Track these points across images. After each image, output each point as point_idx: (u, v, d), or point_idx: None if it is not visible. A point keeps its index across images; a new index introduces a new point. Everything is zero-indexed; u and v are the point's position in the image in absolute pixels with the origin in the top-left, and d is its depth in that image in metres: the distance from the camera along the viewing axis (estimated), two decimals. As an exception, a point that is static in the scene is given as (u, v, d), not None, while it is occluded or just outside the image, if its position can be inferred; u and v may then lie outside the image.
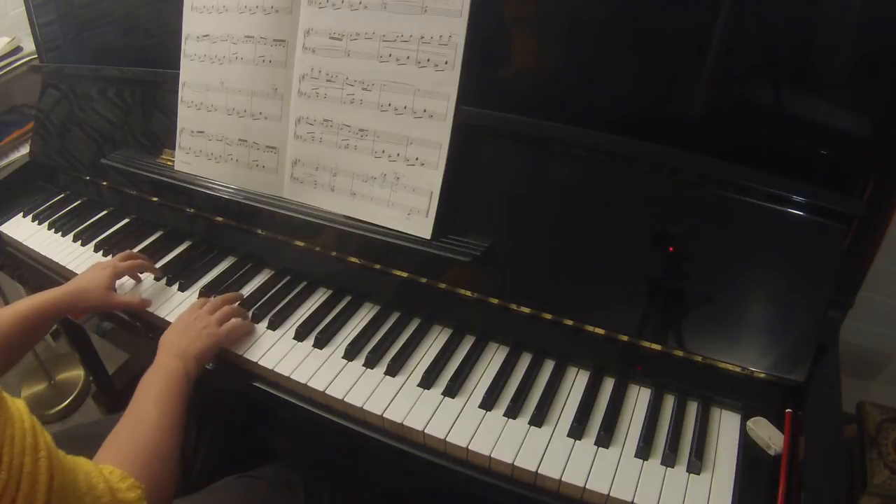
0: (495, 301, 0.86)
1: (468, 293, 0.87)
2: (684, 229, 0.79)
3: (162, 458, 0.68)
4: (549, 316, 0.83)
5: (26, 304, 0.88)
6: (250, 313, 0.94)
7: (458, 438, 0.75)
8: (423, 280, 0.90)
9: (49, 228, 1.22)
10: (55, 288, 0.94)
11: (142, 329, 1.00)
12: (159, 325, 0.97)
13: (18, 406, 0.50)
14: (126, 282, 1.03)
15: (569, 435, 0.75)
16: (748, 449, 0.74)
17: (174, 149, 1.10)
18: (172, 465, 0.70)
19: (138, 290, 1.01)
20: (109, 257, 1.08)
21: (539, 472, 0.71)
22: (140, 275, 1.04)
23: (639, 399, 0.81)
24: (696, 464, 0.71)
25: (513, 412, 0.78)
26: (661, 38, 0.82)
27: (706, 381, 0.78)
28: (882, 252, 0.82)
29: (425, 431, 0.76)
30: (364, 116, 0.89)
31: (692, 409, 0.79)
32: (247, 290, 1.00)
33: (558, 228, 0.84)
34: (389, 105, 0.87)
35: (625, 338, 0.80)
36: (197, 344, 0.84)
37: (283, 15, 0.93)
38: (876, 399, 1.28)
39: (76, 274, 1.03)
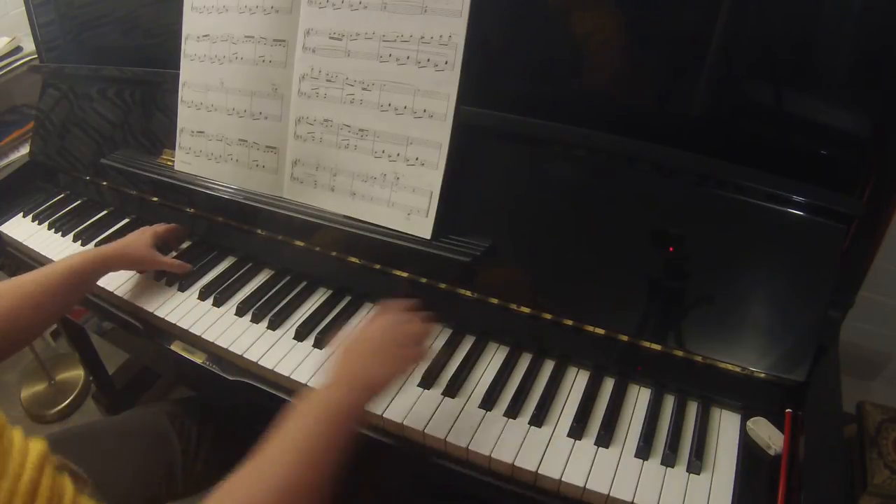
0: (495, 301, 0.86)
1: (468, 293, 0.87)
2: (684, 229, 0.79)
3: None
4: (549, 316, 0.83)
5: (76, 257, 0.89)
6: (250, 313, 0.94)
7: (457, 438, 0.75)
8: (423, 280, 0.90)
9: (49, 228, 1.22)
10: (101, 246, 0.96)
11: (142, 329, 1.00)
12: (159, 326, 0.97)
13: (29, 446, 0.43)
14: (131, 276, 1.03)
15: (569, 435, 0.75)
16: (748, 449, 0.74)
17: (174, 149, 1.10)
18: None
19: (138, 289, 1.01)
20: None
21: (539, 472, 0.71)
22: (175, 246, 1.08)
23: (639, 399, 0.81)
24: (696, 464, 0.71)
25: (513, 412, 0.78)
26: (661, 38, 0.82)
27: (706, 381, 0.78)
28: (882, 252, 0.82)
29: (425, 432, 0.76)
30: (364, 116, 0.89)
31: (692, 409, 0.79)
32: (247, 290, 1.00)
33: (558, 228, 0.84)
34: (389, 105, 0.87)
35: (625, 338, 0.80)
36: (394, 368, 0.65)
37: (283, 15, 0.93)
38: (876, 399, 1.28)
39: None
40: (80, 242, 1.17)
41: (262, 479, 0.53)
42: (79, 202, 1.29)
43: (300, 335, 0.90)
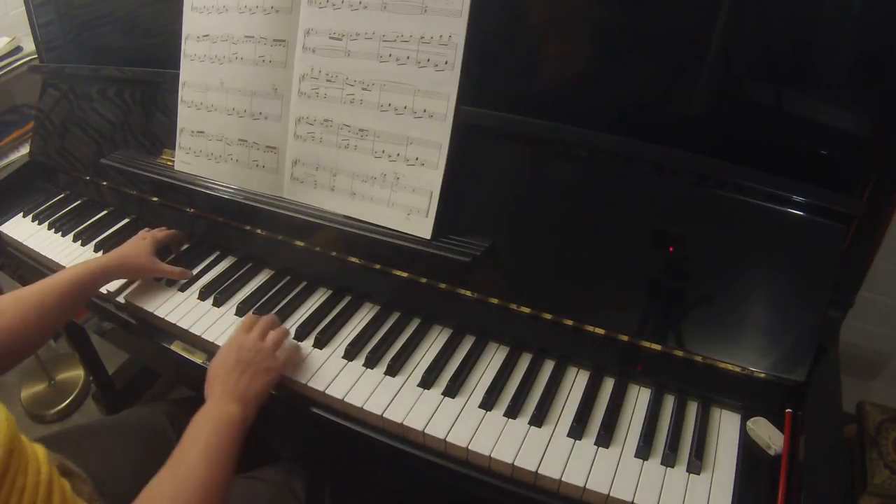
0: (495, 301, 0.86)
1: (468, 293, 0.87)
2: (684, 229, 0.79)
3: None
4: (549, 316, 0.83)
5: (78, 268, 0.91)
6: (250, 313, 0.94)
7: (457, 438, 0.75)
8: (423, 280, 0.90)
9: (49, 228, 1.22)
10: (102, 255, 0.98)
11: (142, 329, 1.00)
12: (159, 326, 0.97)
13: (38, 455, 0.46)
14: (136, 283, 1.03)
15: (569, 435, 0.75)
16: (748, 449, 0.74)
17: (174, 149, 1.10)
18: None
19: (138, 289, 1.01)
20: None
21: (539, 472, 0.71)
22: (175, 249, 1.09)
23: (639, 399, 0.81)
24: (696, 464, 0.71)
25: (513, 412, 0.78)
26: (661, 38, 0.82)
27: (706, 381, 0.78)
28: (882, 252, 0.82)
29: (425, 431, 0.76)
30: (364, 116, 0.89)
31: (692, 409, 0.79)
32: (247, 290, 1.00)
33: (558, 228, 0.84)
34: (389, 105, 0.87)
35: (625, 338, 0.80)
36: (257, 383, 0.76)
37: (283, 15, 0.93)
38: (876, 399, 1.28)
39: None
40: (80, 242, 1.17)
41: (181, 479, 0.62)
42: (79, 202, 1.29)
43: (300, 335, 0.90)
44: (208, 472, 0.63)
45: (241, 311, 0.95)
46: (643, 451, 0.73)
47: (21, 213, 1.29)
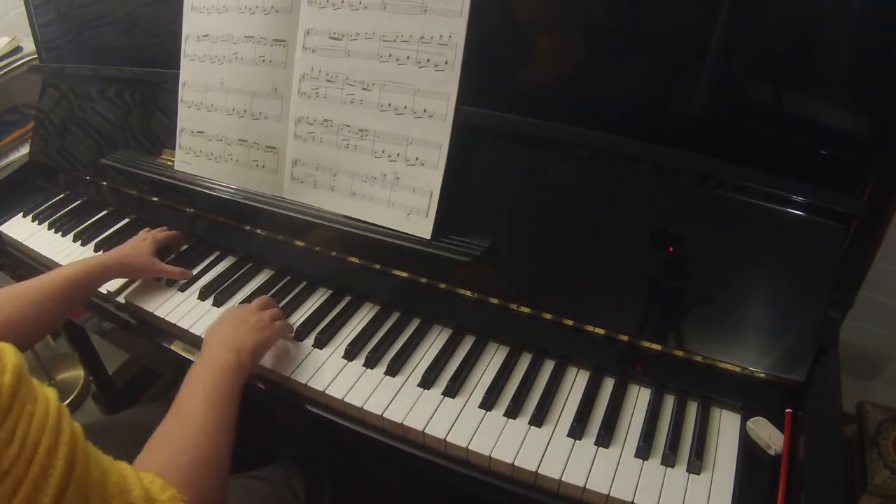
0: (495, 301, 0.86)
1: (468, 293, 0.87)
2: (684, 229, 0.79)
3: (210, 466, 0.61)
4: (549, 316, 0.83)
5: (78, 265, 0.91)
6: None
7: (457, 438, 0.75)
8: (424, 280, 0.90)
9: (49, 228, 1.22)
10: (102, 254, 0.98)
11: (142, 329, 1.00)
12: (159, 326, 0.97)
13: (47, 392, 0.47)
14: (136, 283, 1.03)
15: (569, 435, 0.75)
16: (748, 449, 0.74)
17: (174, 149, 1.10)
18: (222, 473, 0.63)
19: (138, 289, 1.01)
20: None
21: (539, 472, 0.71)
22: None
23: (639, 399, 0.81)
24: (696, 464, 0.71)
25: (513, 412, 0.78)
26: (661, 38, 0.82)
27: (706, 381, 0.78)
28: (882, 252, 0.82)
29: (425, 431, 0.76)
30: (364, 116, 0.89)
31: (692, 409, 0.79)
32: (247, 290, 1.00)
33: (558, 228, 0.84)
34: (389, 105, 0.87)
35: (625, 338, 0.80)
36: (253, 336, 0.79)
37: (283, 15, 0.93)
38: (876, 399, 1.28)
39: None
40: (80, 242, 1.17)
41: (182, 423, 0.64)
42: (79, 202, 1.29)
43: (300, 335, 0.90)
44: (209, 414, 0.65)
45: (241, 311, 0.95)
46: (643, 451, 0.73)
47: (21, 213, 1.29)
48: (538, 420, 0.77)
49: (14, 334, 0.79)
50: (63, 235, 1.19)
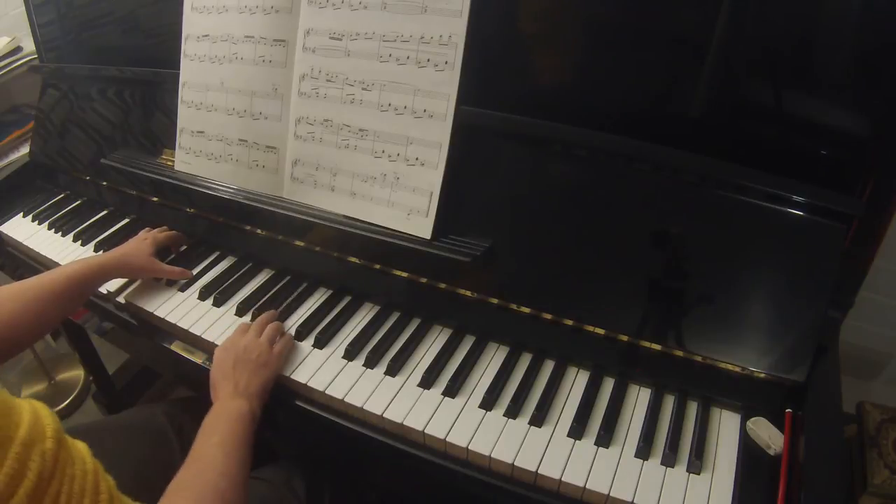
0: (495, 301, 0.86)
1: (468, 293, 0.87)
2: (684, 229, 0.79)
3: None
4: (549, 316, 0.83)
5: (77, 265, 0.91)
6: (250, 313, 0.94)
7: (458, 438, 0.75)
8: (424, 280, 0.90)
9: (49, 228, 1.22)
10: (102, 253, 0.98)
11: (142, 329, 1.00)
12: (159, 326, 0.97)
13: (80, 448, 0.48)
14: (136, 283, 1.03)
15: (569, 435, 0.75)
16: (748, 449, 0.74)
17: (174, 149, 1.10)
18: None
19: (138, 289, 1.01)
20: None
21: (539, 472, 0.71)
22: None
23: (639, 399, 0.81)
24: (696, 464, 0.71)
25: (513, 412, 0.78)
26: (661, 38, 0.82)
27: (706, 381, 0.78)
28: (882, 252, 0.82)
29: (425, 431, 0.76)
30: (364, 116, 0.89)
31: (692, 409, 0.79)
32: (247, 290, 1.00)
33: (558, 228, 0.84)
34: (389, 105, 0.87)
35: (625, 338, 0.80)
36: (259, 377, 0.79)
37: (283, 15, 0.93)
38: (876, 399, 1.28)
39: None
40: (80, 242, 1.17)
41: (202, 471, 0.64)
42: (79, 202, 1.29)
43: (300, 335, 0.90)
44: (227, 461, 0.65)
45: (241, 311, 0.95)
46: (643, 451, 0.73)
47: (21, 213, 1.29)
48: (538, 420, 0.77)
49: (14, 333, 0.79)
50: (63, 235, 1.19)
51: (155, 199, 1.15)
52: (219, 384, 0.79)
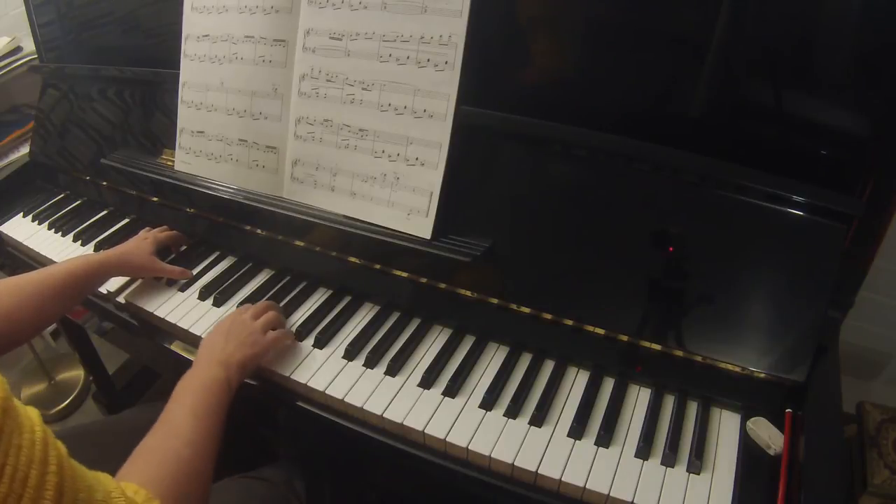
0: (495, 301, 0.86)
1: (468, 293, 0.87)
2: (684, 229, 0.79)
3: (192, 478, 0.62)
4: (549, 316, 0.83)
5: (77, 261, 0.91)
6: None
7: (458, 438, 0.75)
8: (424, 280, 0.90)
9: (49, 228, 1.22)
10: (103, 251, 0.99)
11: (142, 329, 1.00)
12: (159, 326, 0.97)
13: (31, 415, 0.46)
14: (136, 283, 1.03)
15: (569, 435, 0.75)
16: (748, 449, 0.74)
17: (174, 149, 1.10)
18: (205, 485, 0.64)
19: (138, 289, 1.01)
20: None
21: (539, 472, 0.71)
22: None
23: (639, 399, 0.81)
24: (696, 464, 0.71)
25: (513, 412, 0.78)
26: (661, 38, 0.82)
27: (706, 381, 0.78)
28: (882, 252, 0.82)
29: (425, 431, 0.76)
30: (364, 116, 0.89)
31: (692, 409, 0.79)
32: (247, 290, 1.00)
33: (558, 228, 0.84)
34: (389, 105, 0.87)
35: (625, 338, 0.80)
36: (243, 351, 0.79)
37: (283, 15, 0.93)
38: (876, 399, 1.28)
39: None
40: (80, 242, 1.17)
41: (170, 436, 0.65)
42: (79, 202, 1.29)
43: (300, 335, 0.90)
44: (196, 428, 0.66)
45: (241, 311, 0.95)
46: (643, 451, 0.73)
47: (21, 213, 1.29)
48: (538, 420, 0.77)
49: (13, 327, 0.79)
50: (63, 235, 1.19)
51: (155, 199, 1.15)
52: (203, 350, 0.80)
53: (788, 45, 0.77)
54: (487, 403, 0.79)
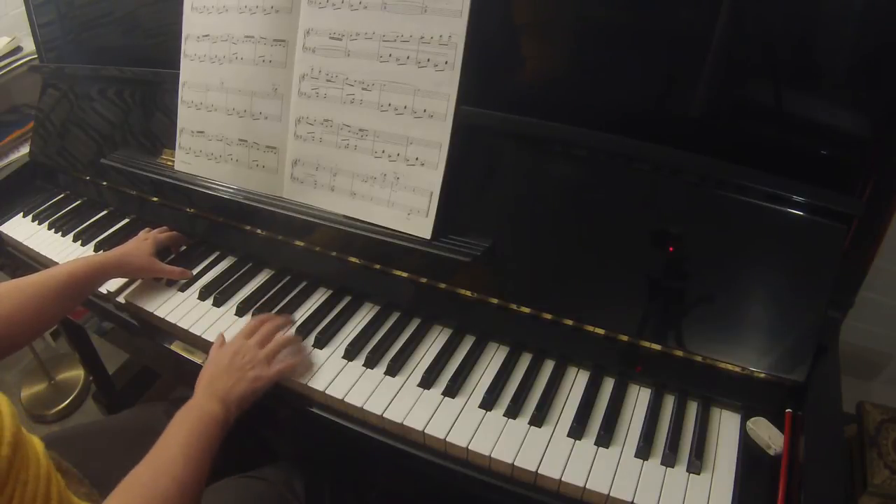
0: (495, 301, 0.86)
1: (468, 293, 0.87)
2: (684, 229, 0.79)
3: None
4: (549, 316, 0.83)
5: (77, 263, 0.91)
6: (250, 313, 0.94)
7: (457, 438, 0.75)
8: (424, 280, 0.90)
9: (49, 228, 1.22)
10: (102, 252, 0.99)
11: (142, 329, 1.00)
12: (159, 326, 0.97)
13: (37, 448, 0.47)
14: (136, 283, 1.03)
15: (569, 435, 0.75)
16: (748, 449, 0.74)
17: (174, 149, 1.10)
18: None
19: (138, 289, 1.01)
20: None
21: (539, 472, 0.71)
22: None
23: (639, 399, 0.81)
24: (696, 464, 0.71)
25: (513, 412, 0.78)
26: (661, 38, 0.82)
27: (706, 381, 0.78)
28: (882, 252, 0.82)
29: (425, 431, 0.76)
30: (364, 116, 0.89)
31: (692, 409, 0.79)
32: (247, 290, 1.00)
33: (558, 228, 0.84)
34: (389, 105, 0.87)
35: (625, 338, 0.80)
36: (241, 386, 0.77)
37: (283, 15, 0.93)
38: (876, 399, 1.28)
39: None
40: (80, 242, 1.17)
41: (159, 472, 0.65)
42: (79, 202, 1.29)
43: (300, 335, 0.90)
44: (185, 467, 0.66)
45: (241, 311, 0.95)
46: (643, 451, 0.73)
47: (21, 213, 1.29)
48: (538, 420, 0.77)
49: (13, 329, 0.79)
50: (63, 235, 1.19)
51: (155, 199, 1.15)
52: (204, 378, 0.78)
53: (788, 44, 0.77)
54: (487, 403, 0.79)
